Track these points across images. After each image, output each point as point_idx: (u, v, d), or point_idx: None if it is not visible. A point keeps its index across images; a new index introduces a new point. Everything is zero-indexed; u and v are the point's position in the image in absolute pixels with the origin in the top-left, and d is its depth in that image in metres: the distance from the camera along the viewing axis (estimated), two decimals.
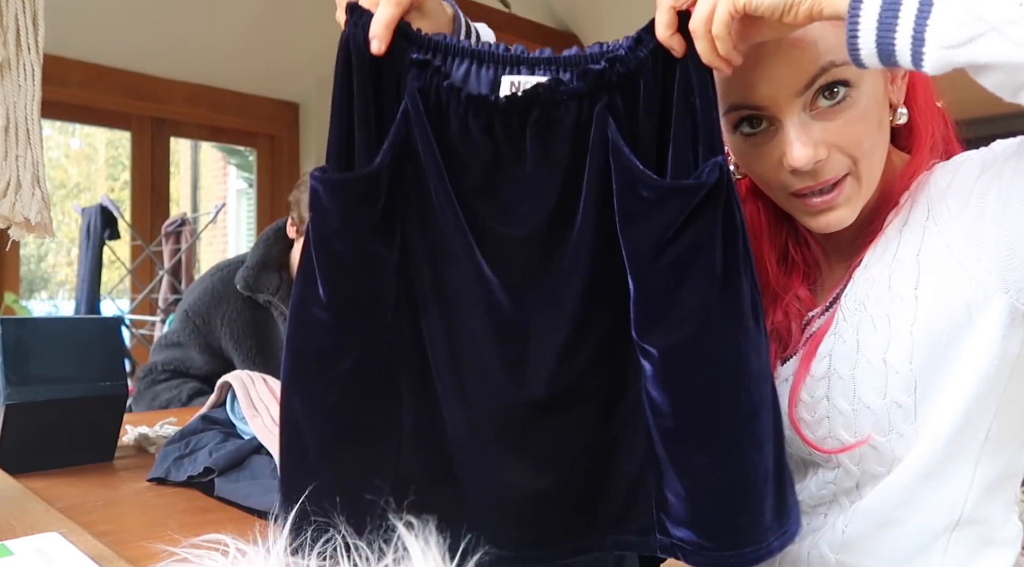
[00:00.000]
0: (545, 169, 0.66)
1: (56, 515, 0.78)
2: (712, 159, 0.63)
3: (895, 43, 0.57)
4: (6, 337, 0.98)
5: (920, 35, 0.56)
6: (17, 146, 0.72)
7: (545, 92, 0.64)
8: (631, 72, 0.64)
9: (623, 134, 0.65)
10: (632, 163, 0.64)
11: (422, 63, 0.65)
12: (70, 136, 6.28)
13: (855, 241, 0.78)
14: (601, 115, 0.65)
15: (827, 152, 0.70)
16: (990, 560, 0.73)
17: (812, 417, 0.76)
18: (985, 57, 0.54)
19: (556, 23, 4.07)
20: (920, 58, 0.57)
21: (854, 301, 0.74)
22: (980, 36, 0.54)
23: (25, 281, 5.07)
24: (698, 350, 0.64)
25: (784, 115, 0.70)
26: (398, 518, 0.60)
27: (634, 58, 0.64)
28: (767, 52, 0.68)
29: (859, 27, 0.58)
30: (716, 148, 0.64)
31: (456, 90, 0.65)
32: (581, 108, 0.65)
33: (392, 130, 0.66)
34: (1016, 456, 0.74)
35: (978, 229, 0.67)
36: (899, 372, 0.70)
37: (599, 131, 0.65)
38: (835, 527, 0.76)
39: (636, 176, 0.64)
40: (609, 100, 0.65)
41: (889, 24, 0.57)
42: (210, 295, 1.71)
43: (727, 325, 0.64)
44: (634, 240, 0.65)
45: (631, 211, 0.65)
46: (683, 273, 0.64)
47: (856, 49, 0.59)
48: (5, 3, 0.70)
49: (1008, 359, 0.68)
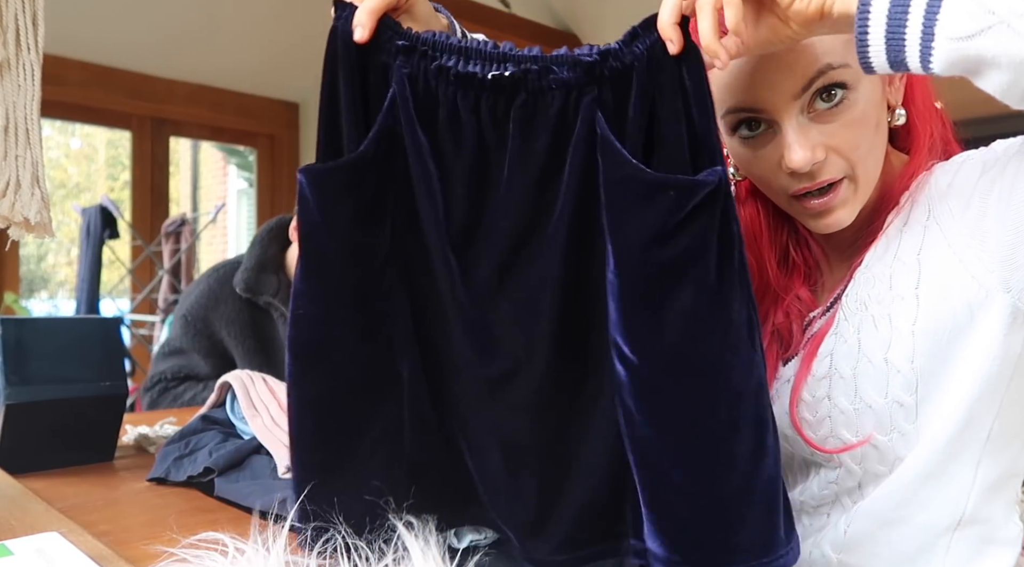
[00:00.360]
0: (525, 157, 0.65)
1: (56, 515, 0.78)
2: (712, 168, 0.61)
3: (905, 38, 0.57)
4: (6, 337, 0.98)
5: (930, 29, 0.56)
6: (17, 146, 0.72)
7: (534, 77, 0.63)
8: (624, 67, 0.63)
9: (611, 129, 0.63)
10: (625, 158, 0.62)
11: (408, 49, 0.64)
12: (70, 136, 6.28)
13: (856, 241, 0.78)
14: (589, 108, 0.63)
15: (825, 154, 0.70)
16: (992, 560, 0.73)
17: (814, 417, 0.76)
18: (992, 50, 0.54)
19: (556, 23, 4.07)
20: (929, 53, 0.57)
21: (855, 301, 0.74)
22: (989, 28, 0.54)
23: (25, 281, 5.07)
24: (679, 359, 0.62)
25: (782, 118, 0.71)
26: (398, 518, 0.60)
27: (628, 53, 0.63)
28: (765, 56, 0.69)
29: (869, 24, 0.58)
30: (716, 158, 0.62)
31: (445, 69, 0.64)
32: (568, 99, 0.63)
33: (379, 118, 0.65)
34: (1017, 456, 0.74)
35: (980, 229, 0.67)
36: (900, 371, 0.70)
37: (585, 125, 0.63)
38: (837, 527, 0.76)
39: (629, 171, 0.62)
40: (599, 94, 0.63)
41: (899, 19, 0.57)
42: (207, 297, 1.71)
43: (712, 336, 0.61)
44: (624, 237, 0.63)
45: (622, 207, 0.63)
46: (673, 277, 0.61)
47: (865, 45, 0.59)
48: (5, 3, 0.70)
49: (1010, 359, 0.68)
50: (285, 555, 0.58)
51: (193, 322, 1.69)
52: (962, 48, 0.55)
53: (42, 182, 0.74)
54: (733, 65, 0.70)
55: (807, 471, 0.80)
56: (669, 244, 0.61)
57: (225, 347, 1.70)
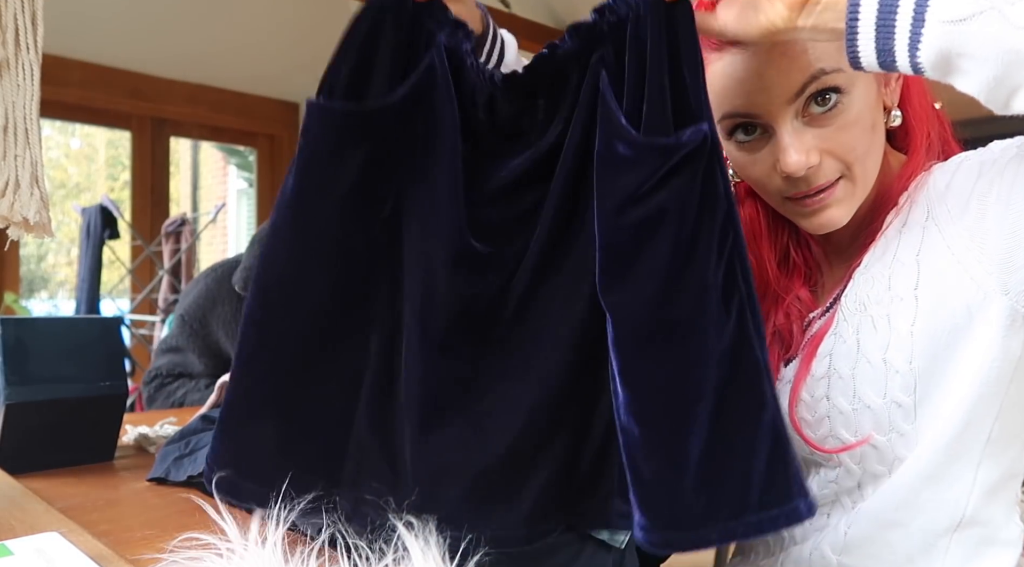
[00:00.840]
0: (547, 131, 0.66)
1: (56, 515, 0.78)
2: (695, 125, 0.61)
3: (895, 24, 0.57)
4: (6, 337, 0.98)
5: (921, 14, 0.56)
6: (16, 146, 0.72)
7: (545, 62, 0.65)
8: (620, 20, 0.63)
9: (613, 87, 0.63)
10: (614, 116, 0.62)
11: (456, 24, 0.66)
12: (70, 136, 6.29)
13: (855, 242, 0.79)
14: (595, 66, 0.64)
15: (819, 158, 0.71)
16: (992, 561, 0.73)
17: (813, 416, 0.76)
18: (980, 37, 0.54)
19: (556, 23, 4.07)
20: (918, 40, 0.57)
21: (854, 301, 0.74)
22: (980, 14, 0.54)
23: (25, 281, 5.07)
24: (651, 318, 0.61)
25: (777, 122, 0.71)
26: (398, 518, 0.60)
27: (623, 4, 0.63)
28: (758, 61, 0.69)
29: (860, 11, 0.58)
30: (702, 114, 0.61)
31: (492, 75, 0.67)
32: (580, 65, 0.65)
33: (414, 76, 0.64)
34: (1018, 457, 0.74)
35: (979, 231, 0.67)
36: (899, 372, 0.70)
37: (591, 82, 0.64)
38: (837, 529, 0.76)
39: (615, 129, 0.62)
40: (603, 53, 0.64)
41: (891, 5, 0.57)
42: (204, 298, 1.71)
43: (684, 295, 0.60)
44: (602, 195, 0.63)
45: (606, 165, 0.63)
46: (646, 235, 0.61)
47: (855, 33, 0.59)
48: (4, 2, 0.70)
49: (1009, 361, 0.68)
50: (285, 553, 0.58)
51: (190, 322, 1.70)
52: (951, 33, 0.55)
53: (41, 182, 0.74)
54: (728, 71, 0.71)
55: (807, 471, 0.80)
56: (642, 203, 0.61)
57: (221, 347, 1.71)
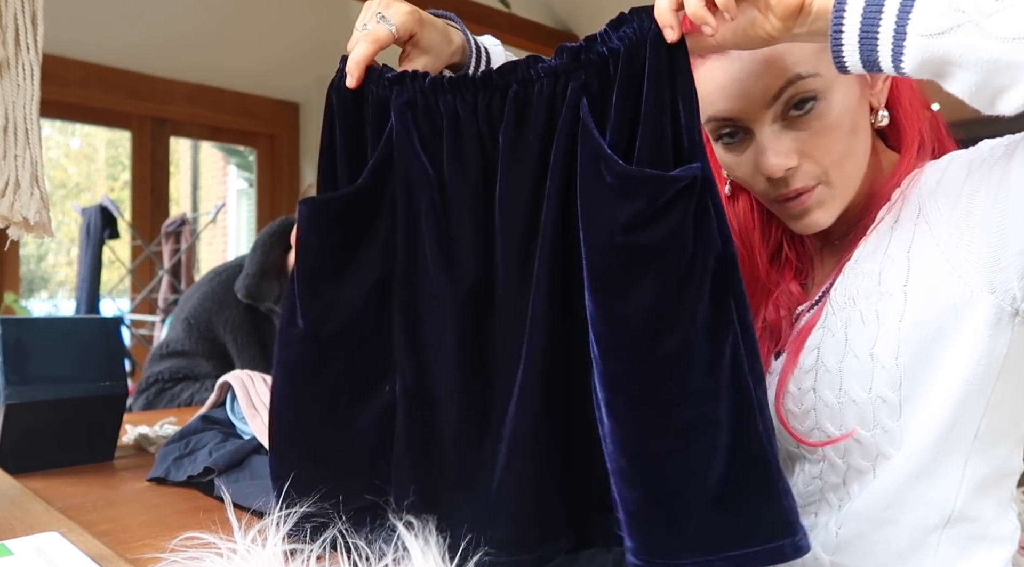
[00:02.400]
0: (521, 150, 0.65)
1: (56, 515, 0.78)
2: (690, 165, 0.60)
3: (878, 36, 0.58)
4: (6, 337, 0.98)
5: (902, 27, 0.57)
6: (16, 146, 0.72)
7: (523, 67, 0.65)
8: (610, 52, 0.62)
9: (594, 116, 0.62)
10: (599, 146, 0.61)
11: (399, 78, 0.69)
12: (70, 136, 6.29)
13: (847, 237, 0.80)
14: (575, 93, 0.63)
15: (798, 160, 0.73)
16: (983, 557, 0.73)
17: (799, 409, 0.76)
18: (960, 48, 0.55)
19: (556, 23, 4.07)
20: (900, 51, 0.58)
21: (843, 295, 0.75)
22: (958, 27, 0.55)
23: (25, 281, 5.07)
24: (637, 352, 0.61)
25: (756, 125, 0.74)
26: (398, 518, 0.60)
27: (615, 38, 0.62)
28: (738, 67, 0.72)
29: (844, 22, 0.59)
30: (696, 155, 0.61)
31: (439, 79, 0.67)
32: (556, 86, 0.64)
33: (377, 151, 0.70)
34: (1010, 455, 0.74)
35: (967, 228, 0.67)
36: (885, 367, 0.70)
37: (570, 110, 0.63)
38: (828, 529, 0.76)
39: (602, 160, 0.61)
40: (585, 79, 0.63)
41: (873, 18, 0.58)
42: (210, 300, 1.70)
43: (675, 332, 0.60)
44: (593, 228, 0.62)
45: (593, 196, 0.62)
46: (636, 270, 0.60)
47: (840, 43, 0.60)
48: (4, 2, 0.70)
49: (995, 359, 0.68)
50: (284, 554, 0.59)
51: (197, 325, 1.68)
52: (932, 46, 0.56)
53: (41, 182, 0.74)
54: (709, 76, 0.73)
55: (792, 465, 0.80)
56: (637, 236, 0.60)
57: (227, 349, 1.70)
